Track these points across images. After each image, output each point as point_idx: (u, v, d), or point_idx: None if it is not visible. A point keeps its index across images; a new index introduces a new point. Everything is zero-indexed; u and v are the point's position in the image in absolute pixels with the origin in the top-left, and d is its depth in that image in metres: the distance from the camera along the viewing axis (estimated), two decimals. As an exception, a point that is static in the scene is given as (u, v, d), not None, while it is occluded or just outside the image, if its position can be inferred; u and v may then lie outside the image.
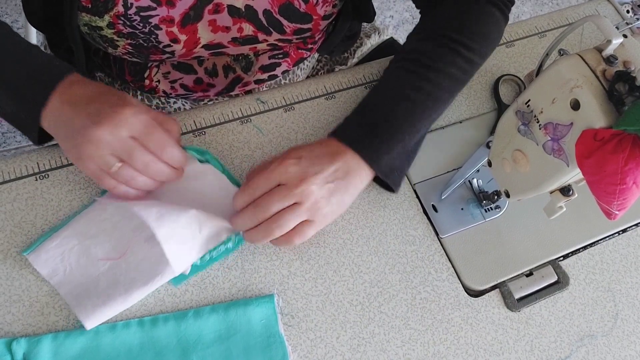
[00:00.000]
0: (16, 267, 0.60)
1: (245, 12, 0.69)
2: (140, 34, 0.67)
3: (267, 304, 0.62)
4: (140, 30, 0.67)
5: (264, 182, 0.61)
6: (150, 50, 0.70)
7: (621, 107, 0.47)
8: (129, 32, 0.67)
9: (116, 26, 0.66)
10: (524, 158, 0.58)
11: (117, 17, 0.65)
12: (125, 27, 0.66)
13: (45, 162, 0.66)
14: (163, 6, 0.65)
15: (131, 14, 0.65)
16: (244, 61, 0.81)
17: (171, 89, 0.82)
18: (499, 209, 0.71)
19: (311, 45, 0.85)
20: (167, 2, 0.65)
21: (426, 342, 0.63)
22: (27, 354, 0.56)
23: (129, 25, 0.66)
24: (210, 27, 0.70)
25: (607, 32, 0.50)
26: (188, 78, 0.81)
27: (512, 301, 0.67)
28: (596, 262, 0.71)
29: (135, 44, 0.69)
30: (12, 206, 0.63)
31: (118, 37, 0.68)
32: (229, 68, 0.81)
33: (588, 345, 0.66)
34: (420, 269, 0.67)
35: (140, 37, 0.68)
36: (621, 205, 0.48)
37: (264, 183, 0.61)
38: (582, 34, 0.86)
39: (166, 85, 0.82)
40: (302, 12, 0.70)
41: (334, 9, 0.74)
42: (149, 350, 0.58)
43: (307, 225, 0.61)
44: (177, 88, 0.82)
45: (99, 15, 0.65)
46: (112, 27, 0.66)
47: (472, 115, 0.78)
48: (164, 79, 0.81)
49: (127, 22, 0.66)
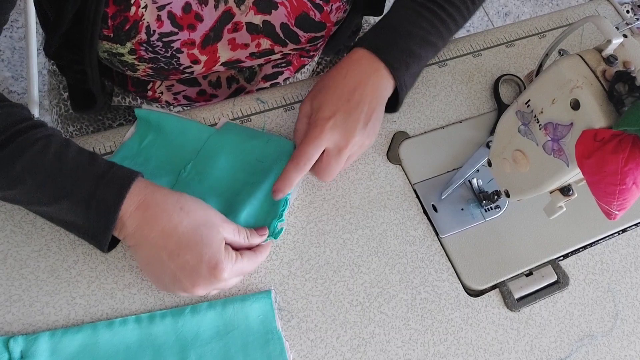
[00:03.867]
0: (16, 267, 0.60)
1: (263, 28, 0.69)
2: (162, 58, 0.67)
3: (264, 300, 0.62)
4: (162, 55, 0.66)
5: (312, 153, 0.63)
6: (170, 72, 0.70)
7: (621, 107, 0.47)
8: (150, 57, 0.66)
9: (138, 52, 0.65)
10: (524, 158, 0.58)
11: (140, 44, 0.64)
12: (147, 53, 0.66)
13: (45, 162, 0.66)
14: (185, 30, 0.65)
15: (154, 40, 0.64)
16: (247, 72, 0.81)
17: (174, 99, 0.82)
18: (499, 209, 0.71)
19: (313, 53, 0.85)
20: (189, 26, 0.65)
21: (426, 342, 0.63)
22: (24, 352, 0.56)
23: (151, 51, 0.65)
24: (229, 45, 0.69)
25: (607, 33, 0.50)
26: (191, 90, 0.81)
27: (512, 301, 0.67)
28: (596, 262, 0.71)
29: (156, 67, 0.69)
30: (12, 206, 0.63)
31: (139, 62, 0.67)
32: (233, 79, 0.82)
33: (588, 345, 0.66)
34: (420, 269, 0.67)
35: (162, 61, 0.67)
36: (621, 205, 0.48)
37: (313, 154, 0.63)
38: (582, 34, 0.86)
39: (169, 97, 0.82)
40: (317, 21, 0.70)
41: (345, 14, 0.74)
42: (147, 347, 0.58)
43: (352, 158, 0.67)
44: (179, 99, 0.82)
45: (121, 43, 0.64)
46: (133, 54, 0.66)
47: (472, 115, 0.78)
48: (167, 91, 0.81)
49: (149, 48, 0.65)
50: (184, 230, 0.56)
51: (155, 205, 0.56)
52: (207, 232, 0.56)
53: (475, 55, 0.83)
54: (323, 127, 0.63)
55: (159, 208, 0.56)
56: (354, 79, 0.65)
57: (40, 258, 0.61)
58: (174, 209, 0.56)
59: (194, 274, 0.56)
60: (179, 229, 0.56)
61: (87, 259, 0.62)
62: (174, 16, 0.63)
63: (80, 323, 0.58)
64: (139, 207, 0.55)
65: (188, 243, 0.55)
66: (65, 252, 0.62)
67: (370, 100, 0.64)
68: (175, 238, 0.55)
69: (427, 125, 0.76)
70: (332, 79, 0.66)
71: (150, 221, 0.55)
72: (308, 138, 0.63)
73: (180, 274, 0.56)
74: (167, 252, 0.55)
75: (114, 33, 0.63)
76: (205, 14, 0.65)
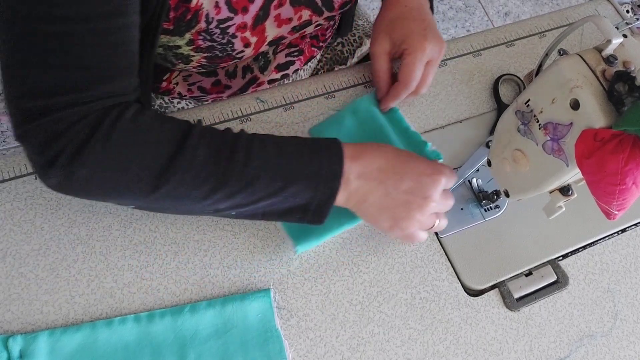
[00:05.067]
0: (15, 266, 0.60)
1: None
2: (217, 46, 0.68)
3: (263, 299, 0.62)
4: (219, 42, 0.67)
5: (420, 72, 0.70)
6: (223, 59, 0.71)
7: (621, 107, 0.47)
8: (207, 46, 0.67)
9: (196, 42, 0.66)
10: (523, 158, 0.58)
11: (199, 33, 0.65)
12: (204, 42, 0.66)
13: (44, 161, 0.66)
14: (239, 14, 0.65)
15: (212, 28, 0.65)
16: (262, 60, 0.82)
17: (188, 90, 0.82)
18: (499, 208, 0.71)
19: (322, 44, 0.87)
20: (242, 9, 0.65)
21: (425, 341, 0.63)
22: (23, 351, 0.56)
23: (208, 39, 0.66)
24: (275, 22, 0.71)
25: (607, 32, 0.50)
26: (207, 80, 0.81)
27: (512, 301, 0.67)
28: (595, 262, 0.71)
29: (211, 56, 0.69)
30: (12, 205, 0.63)
31: (195, 53, 0.68)
32: (248, 68, 0.82)
33: (587, 345, 0.66)
34: (420, 268, 0.67)
35: (217, 48, 0.68)
36: (621, 205, 0.48)
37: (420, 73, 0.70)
38: (582, 34, 0.86)
39: (183, 88, 0.82)
40: None
41: None
42: (146, 346, 0.58)
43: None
44: (193, 90, 0.82)
45: (180, 34, 0.64)
46: (191, 44, 0.66)
47: (472, 115, 0.78)
48: (183, 81, 0.81)
49: (207, 37, 0.66)
50: (392, 157, 0.62)
51: (360, 151, 0.61)
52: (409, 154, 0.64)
53: (475, 55, 0.83)
54: (423, 46, 0.69)
55: (365, 152, 0.61)
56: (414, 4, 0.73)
57: (40, 257, 0.61)
58: (377, 148, 0.63)
59: (420, 186, 0.61)
60: (390, 159, 0.62)
61: (86, 258, 0.62)
62: (230, 1, 0.64)
63: (79, 322, 0.58)
64: (352, 160, 0.60)
65: (402, 167, 0.62)
66: (65, 251, 0.62)
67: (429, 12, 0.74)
68: (391, 168, 0.61)
69: (427, 125, 0.76)
70: (397, 12, 0.73)
71: (366, 165, 0.61)
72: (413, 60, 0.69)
73: (410, 195, 0.61)
74: (391, 182, 0.61)
75: (174, 25, 0.63)
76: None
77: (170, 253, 0.63)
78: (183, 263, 0.63)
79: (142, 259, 0.63)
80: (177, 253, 0.64)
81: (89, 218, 0.64)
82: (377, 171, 0.61)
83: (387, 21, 0.72)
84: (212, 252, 0.64)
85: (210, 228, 0.65)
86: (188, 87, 0.82)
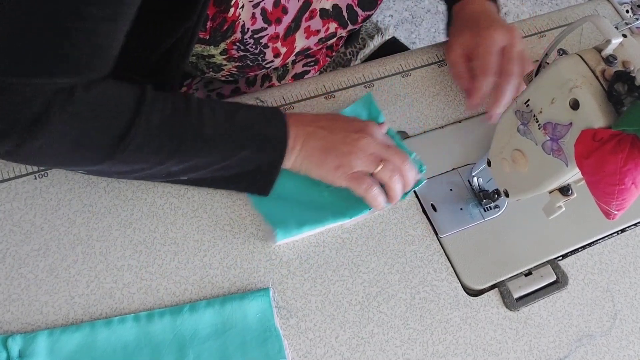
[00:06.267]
0: (15, 266, 0.60)
1: (332, 12, 0.72)
2: (250, 56, 0.69)
3: (262, 298, 0.62)
4: (252, 52, 0.68)
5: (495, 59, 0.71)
6: (252, 69, 0.72)
7: (620, 107, 0.47)
8: (240, 56, 0.68)
9: (229, 52, 0.67)
10: (523, 158, 0.58)
11: (233, 43, 0.66)
12: (238, 52, 0.67)
13: (44, 161, 0.66)
14: (272, 25, 0.66)
15: (246, 38, 0.66)
16: (281, 70, 0.83)
17: (206, 96, 0.83)
18: (498, 208, 0.71)
19: (334, 53, 0.89)
20: (276, 20, 0.66)
21: (425, 341, 0.63)
22: (22, 350, 0.56)
23: (242, 49, 0.67)
24: (305, 34, 0.72)
25: (607, 32, 0.50)
26: (227, 87, 0.82)
27: (511, 301, 0.67)
28: (595, 262, 0.71)
29: (242, 66, 0.70)
30: (12, 205, 0.63)
31: (227, 62, 0.69)
32: (267, 77, 0.83)
33: (587, 345, 0.66)
34: (420, 268, 0.67)
35: (250, 58, 0.69)
36: (620, 205, 0.48)
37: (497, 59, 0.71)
38: (582, 34, 0.86)
39: (202, 94, 0.83)
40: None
41: None
42: (145, 345, 0.58)
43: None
44: (212, 96, 0.83)
45: (215, 44, 0.65)
46: (225, 54, 0.67)
47: (472, 114, 0.78)
48: (203, 87, 0.81)
49: (241, 47, 0.67)
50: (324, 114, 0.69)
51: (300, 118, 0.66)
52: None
53: (475, 54, 0.83)
54: (491, 34, 0.71)
55: (303, 115, 0.67)
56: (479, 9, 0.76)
57: (40, 257, 0.61)
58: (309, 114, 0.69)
59: (352, 125, 0.66)
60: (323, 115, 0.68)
61: (86, 259, 0.62)
62: (266, 12, 0.65)
63: (79, 322, 0.58)
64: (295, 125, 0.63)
65: (332, 116, 0.68)
66: (65, 251, 0.62)
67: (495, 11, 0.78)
68: (322, 118, 0.66)
69: (427, 125, 0.76)
70: (463, 20, 0.76)
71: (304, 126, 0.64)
72: (484, 49, 0.71)
73: (346, 131, 0.65)
74: (325, 129, 0.65)
75: (210, 35, 0.64)
76: (290, 6, 0.67)
77: (170, 253, 0.63)
78: (183, 263, 0.63)
79: (142, 259, 0.63)
80: (176, 253, 0.64)
81: (88, 218, 0.64)
82: (315, 123, 0.65)
83: (456, 28, 0.76)
84: (212, 252, 0.64)
85: (210, 228, 0.65)
86: (207, 93, 0.83)
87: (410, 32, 1.92)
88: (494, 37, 0.71)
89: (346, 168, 0.64)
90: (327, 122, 0.66)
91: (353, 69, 0.79)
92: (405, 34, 1.91)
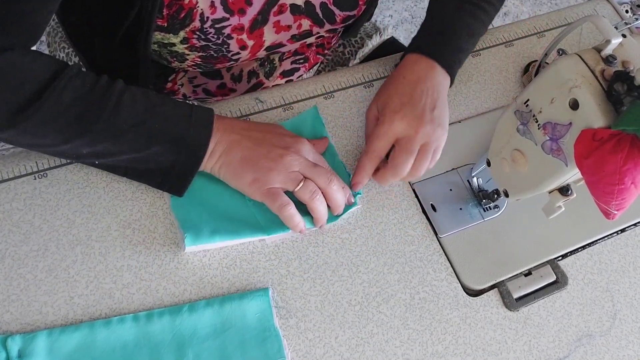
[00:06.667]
0: (14, 267, 0.60)
1: (304, 8, 0.71)
2: (212, 46, 0.68)
3: (261, 297, 0.62)
4: (214, 42, 0.67)
5: (384, 144, 0.67)
6: (218, 59, 0.71)
7: (620, 107, 0.47)
8: (202, 45, 0.67)
9: (190, 41, 0.66)
10: (522, 158, 0.58)
11: (193, 32, 0.65)
12: (199, 41, 0.67)
13: (43, 161, 0.66)
14: (235, 15, 0.66)
15: (207, 27, 0.65)
16: (268, 66, 0.83)
17: (192, 92, 0.83)
18: (498, 208, 0.71)
19: (327, 51, 0.88)
20: (239, 11, 0.66)
21: (425, 341, 0.63)
22: (22, 350, 0.56)
23: (203, 39, 0.66)
24: (274, 28, 0.71)
25: (606, 32, 0.50)
26: (212, 83, 0.81)
27: (511, 301, 0.67)
28: (595, 262, 0.71)
29: (206, 56, 0.70)
30: (11, 206, 0.63)
31: (189, 51, 0.68)
32: (253, 73, 0.82)
33: (586, 345, 0.66)
34: (419, 268, 0.67)
35: (212, 48, 0.68)
36: (619, 205, 0.48)
37: (384, 145, 0.67)
38: (581, 34, 0.86)
39: (188, 89, 0.82)
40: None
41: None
42: (144, 345, 0.58)
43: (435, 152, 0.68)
44: (198, 92, 0.83)
45: (174, 32, 0.65)
46: (185, 42, 0.67)
47: (471, 115, 0.78)
48: (188, 83, 0.81)
49: (201, 36, 0.66)
50: (259, 124, 0.66)
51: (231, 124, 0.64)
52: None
53: (474, 55, 0.83)
54: (392, 119, 0.67)
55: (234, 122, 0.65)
56: (413, 78, 0.70)
57: (39, 258, 0.61)
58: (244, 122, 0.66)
59: (282, 140, 0.64)
60: (257, 125, 0.66)
61: (85, 259, 0.62)
62: (226, 1, 0.64)
63: (78, 323, 0.58)
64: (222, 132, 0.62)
65: (265, 128, 0.65)
66: (64, 251, 0.62)
67: (432, 92, 0.69)
68: (254, 129, 0.64)
69: (426, 125, 0.76)
70: (392, 82, 0.71)
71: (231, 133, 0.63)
72: (378, 130, 0.67)
73: (272, 146, 0.63)
74: (251, 140, 0.63)
75: (168, 22, 0.63)
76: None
77: (169, 253, 0.63)
78: (182, 264, 0.63)
79: (141, 259, 0.63)
80: (176, 253, 0.63)
81: (87, 219, 0.64)
82: (244, 132, 0.64)
83: (383, 87, 0.72)
84: (212, 252, 0.64)
85: (209, 228, 0.65)
86: (193, 88, 0.82)
87: (409, 32, 1.92)
88: (393, 125, 0.66)
89: (262, 183, 0.62)
90: (257, 134, 0.64)
91: (352, 69, 0.79)
92: (405, 34, 1.91)
